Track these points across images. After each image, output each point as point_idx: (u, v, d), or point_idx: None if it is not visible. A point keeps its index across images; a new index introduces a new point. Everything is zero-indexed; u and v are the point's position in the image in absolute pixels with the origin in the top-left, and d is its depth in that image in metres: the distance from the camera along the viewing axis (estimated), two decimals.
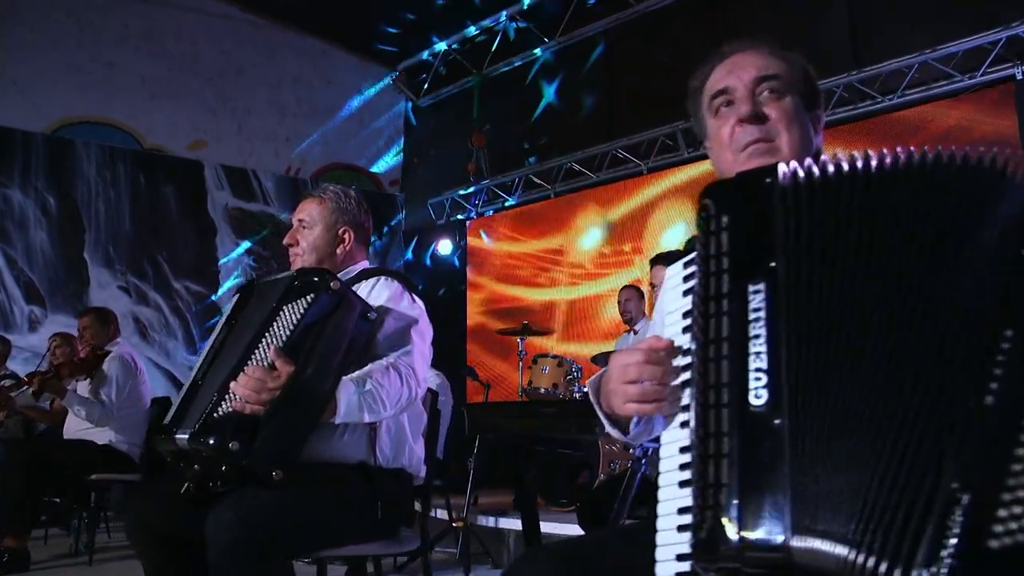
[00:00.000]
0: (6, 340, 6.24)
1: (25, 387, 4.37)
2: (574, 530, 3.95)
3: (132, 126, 8.13)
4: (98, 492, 4.49)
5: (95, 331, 4.63)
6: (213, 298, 8.19)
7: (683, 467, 1.03)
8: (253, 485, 1.83)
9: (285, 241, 2.32)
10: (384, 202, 9.33)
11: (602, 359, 5.25)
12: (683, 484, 1.02)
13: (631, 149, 7.29)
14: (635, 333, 5.85)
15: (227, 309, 2.14)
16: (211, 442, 1.74)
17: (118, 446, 4.40)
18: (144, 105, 8.16)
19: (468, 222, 8.53)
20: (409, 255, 9.27)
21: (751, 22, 6.66)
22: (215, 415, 1.78)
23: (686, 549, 0.98)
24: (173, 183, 8.16)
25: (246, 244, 8.45)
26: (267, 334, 1.84)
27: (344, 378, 1.87)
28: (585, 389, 5.23)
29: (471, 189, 8.34)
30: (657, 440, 2.41)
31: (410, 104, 9.52)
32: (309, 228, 2.29)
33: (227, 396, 1.78)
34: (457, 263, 8.52)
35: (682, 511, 1.00)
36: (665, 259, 3.39)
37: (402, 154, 9.58)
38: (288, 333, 1.82)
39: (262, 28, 8.76)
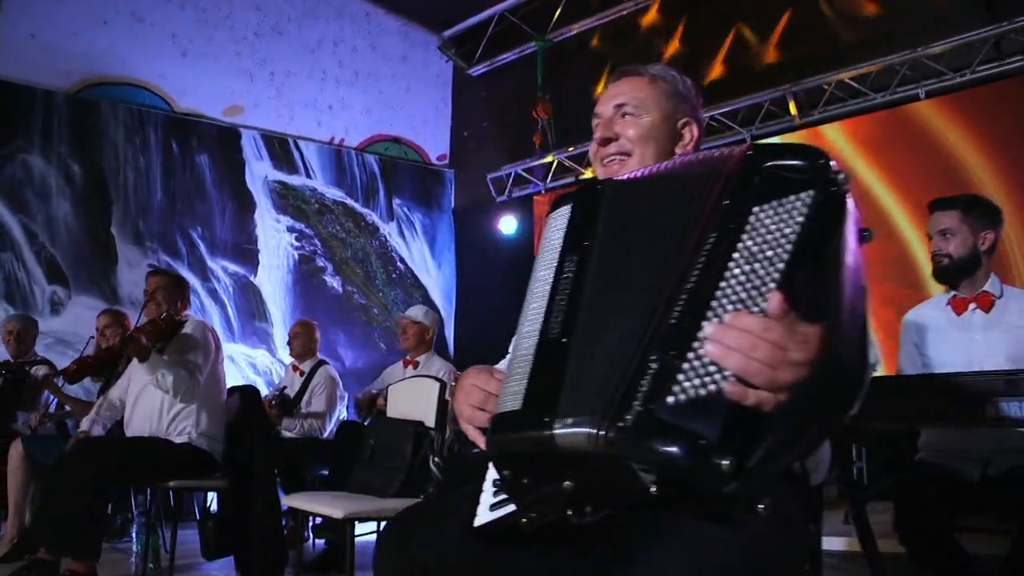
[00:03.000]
0: (34, 320, 5.43)
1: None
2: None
3: (162, 87, 7.30)
4: (175, 501, 3.71)
5: (168, 293, 3.83)
6: (252, 279, 7.37)
7: None
8: (674, 515, 1.08)
9: (598, 136, 1.58)
10: (432, 178, 8.55)
11: None
12: None
13: (730, 116, 6.57)
14: None
15: (556, 223, 1.35)
16: (674, 450, 0.96)
17: (198, 443, 3.61)
18: (175, 64, 7.33)
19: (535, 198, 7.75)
20: (454, 235, 8.49)
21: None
22: (669, 401, 0.99)
23: None
24: (208, 151, 7.33)
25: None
26: (736, 258, 1.03)
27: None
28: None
29: (537, 162, 7.57)
30: None
31: (460, 73, 8.74)
32: (636, 115, 1.54)
33: (689, 367, 0.98)
34: (519, 243, 7.74)
35: None
36: (939, 204, 2.68)
37: (450, 126, 8.80)
38: (783, 261, 1.00)
39: None
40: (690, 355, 0.99)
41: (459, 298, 8.34)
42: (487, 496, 1.33)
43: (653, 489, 1.03)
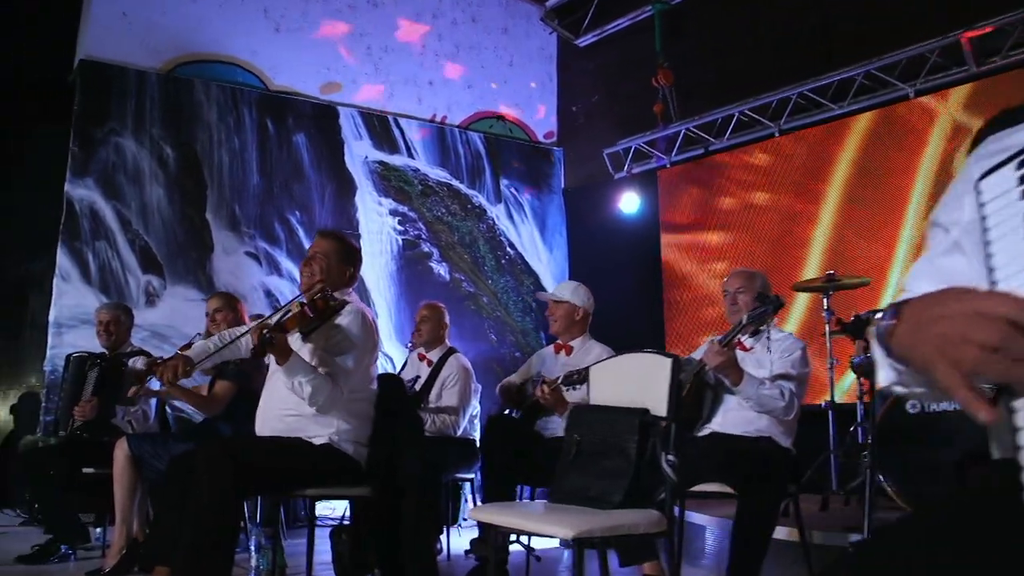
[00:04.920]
0: (127, 308, 4.94)
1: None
2: None
3: (255, 64, 6.84)
4: (309, 509, 3.14)
5: (331, 262, 3.15)
6: None
7: None
8: None
9: None
10: (540, 156, 7.92)
11: None
12: None
13: (888, 70, 5.79)
14: None
15: None
16: None
17: (340, 446, 3.01)
18: (268, 40, 6.87)
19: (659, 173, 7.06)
20: (565, 217, 7.86)
21: None
22: None
23: None
24: (305, 131, 6.84)
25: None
26: None
27: None
28: None
29: (660, 134, 6.89)
30: None
31: (565, 45, 8.11)
32: None
33: None
34: (641, 222, 7.06)
35: None
36: None
37: (557, 102, 8.17)
38: None
39: None
40: None
41: None
42: None
43: None
